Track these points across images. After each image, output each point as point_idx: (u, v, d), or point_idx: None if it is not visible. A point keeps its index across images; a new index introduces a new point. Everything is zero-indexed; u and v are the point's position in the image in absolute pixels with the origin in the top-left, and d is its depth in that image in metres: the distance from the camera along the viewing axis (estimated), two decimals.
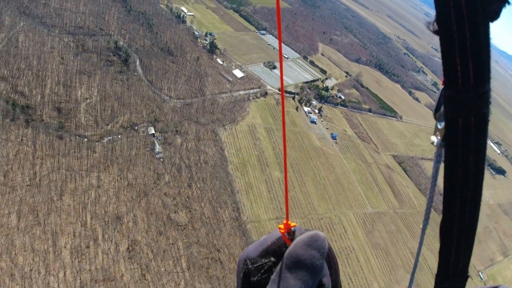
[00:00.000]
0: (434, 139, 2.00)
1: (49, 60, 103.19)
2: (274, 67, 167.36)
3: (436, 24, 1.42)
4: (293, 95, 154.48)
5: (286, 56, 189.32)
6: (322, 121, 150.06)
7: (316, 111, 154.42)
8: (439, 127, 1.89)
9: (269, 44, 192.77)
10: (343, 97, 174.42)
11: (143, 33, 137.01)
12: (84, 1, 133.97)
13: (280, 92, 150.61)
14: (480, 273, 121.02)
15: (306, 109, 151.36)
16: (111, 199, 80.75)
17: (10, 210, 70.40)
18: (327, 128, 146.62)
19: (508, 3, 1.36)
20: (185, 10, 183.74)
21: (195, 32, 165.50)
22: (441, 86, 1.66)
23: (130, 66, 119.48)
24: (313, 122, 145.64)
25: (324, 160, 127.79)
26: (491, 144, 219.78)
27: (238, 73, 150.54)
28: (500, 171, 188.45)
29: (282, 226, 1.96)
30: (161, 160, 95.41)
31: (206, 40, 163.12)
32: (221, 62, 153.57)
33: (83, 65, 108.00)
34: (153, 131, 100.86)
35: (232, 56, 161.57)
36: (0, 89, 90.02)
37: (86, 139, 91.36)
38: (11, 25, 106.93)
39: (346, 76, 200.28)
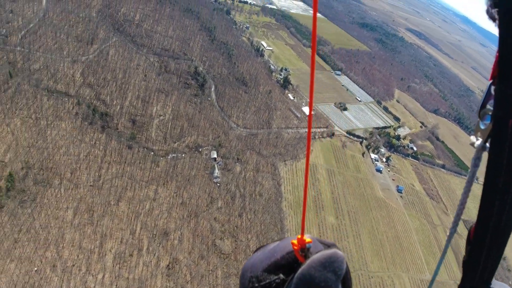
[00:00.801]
0: (475, 140, 1.83)
1: (133, 75, 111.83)
2: (345, 109, 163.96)
3: (493, 8, 1.29)
4: (361, 140, 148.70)
5: (359, 99, 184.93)
6: (388, 171, 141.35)
7: (384, 159, 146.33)
8: (482, 127, 1.76)
9: (342, 85, 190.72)
10: (415, 148, 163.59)
11: (222, 61, 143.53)
12: (173, 27, 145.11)
13: (347, 136, 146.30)
14: None
15: (373, 156, 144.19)
16: (163, 214, 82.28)
17: (68, 206, 75.00)
18: (393, 180, 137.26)
19: None
20: (265, 45, 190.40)
21: (271, 66, 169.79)
22: (489, 80, 1.57)
23: (205, 91, 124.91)
24: (378, 170, 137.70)
25: (385, 213, 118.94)
26: None
27: (307, 110, 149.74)
28: None
29: (295, 242, 1.77)
30: (218, 185, 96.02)
31: (280, 74, 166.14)
32: (292, 98, 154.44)
33: (163, 85, 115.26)
34: (215, 156, 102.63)
35: (303, 93, 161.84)
36: (85, 95, 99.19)
37: (152, 153, 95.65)
38: (105, 39, 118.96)
39: (420, 127, 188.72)
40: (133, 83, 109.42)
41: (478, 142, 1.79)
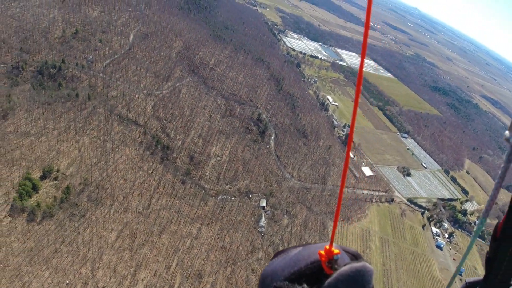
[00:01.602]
0: (510, 136, 1.81)
1: (199, 114, 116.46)
2: (409, 174, 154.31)
3: None
4: (422, 210, 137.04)
5: (425, 166, 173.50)
6: (450, 249, 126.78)
7: (446, 235, 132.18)
8: None
9: (408, 149, 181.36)
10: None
11: (286, 112, 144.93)
12: (244, 74, 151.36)
13: (408, 204, 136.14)
14: None
15: (434, 230, 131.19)
16: (201, 254, 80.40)
17: (114, 228, 76.56)
18: (453, 259, 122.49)
19: None
20: (330, 99, 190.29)
21: (334, 121, 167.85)
22: None
23: (265, 138, 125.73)
24: (439, 247, 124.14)
25: None
26: None
27: (367, 171, 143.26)
28: None
29: (323, 253, 1.68)
30: (262, 234, 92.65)
31: (343, 131, 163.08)
32: (352, 156, 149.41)
33: (225, 127, 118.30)
34: (264, 204, 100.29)
35: (365, 153, 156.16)
36: (152, 126, 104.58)
37: (203, 191, 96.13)
38: (179, 77, 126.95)
39: None
40: (197, 121, 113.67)
41: None
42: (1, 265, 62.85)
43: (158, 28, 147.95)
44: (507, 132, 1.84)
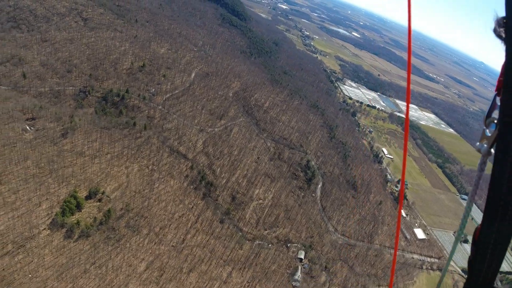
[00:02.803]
0: (480, 146, 2.05)
1: (247, 155, 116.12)
2: (466, 241, 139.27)
3: (502, 29, 1.49)
4: None
5: None
6: None
7: None
8: (488, 134, 1.99)
9: None
10: None
11: (336, 161, 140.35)
12: (297, 119, 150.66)
13: (462, 274, 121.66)
14: None
15: None
16: None
17: (144, 258, 75.59)
18: None
19: None
20: (385, 152, 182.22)
21: (388, 175, 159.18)
22: (494, 92, 1.77)
23: (311, 186, 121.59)
24: None
25: None
26: None
27: (419, 233, 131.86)
28: None
29: None
30: None
31: (396, 186, 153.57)
32: (404, 215, 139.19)
33: (272, 170, 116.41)
34: (302, 256, 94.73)
35: (419, 212, 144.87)
36: (200, 161, 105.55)
37: (240, 234, 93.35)
38: (233, 117, 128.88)
39: None
40: (244, 162, 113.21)
41: (484, 148, 2.05)
42: (30, 275, 63.99)
43: (219, 68, 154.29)
44: (477, 144, 2.06)
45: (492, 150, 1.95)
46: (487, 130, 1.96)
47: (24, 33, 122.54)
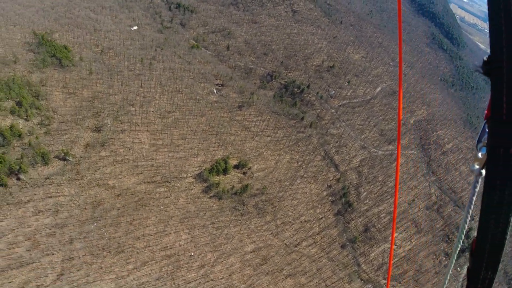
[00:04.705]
0: (474, 168, 2.27)
1: (401, 192, 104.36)
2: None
3: (486, 67, 1.77)
4: None
5: None
6: None
7: None
8: (479, 156, 2.22)
9: None
10: None
11: None
12: None
13: None
14: None
15: None
16: None
17: (256, 241, 77.99)
18: None
19: None
20: None
21: None
22: (484, 120, 2.04)
23: (460, 258, 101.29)
24: None
25: None
26: None
27: None
28: None
29: None
30: None
31: None
32: None
33: (422, 220, 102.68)
34: None
35: None
36: (349, 178, 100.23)
37: (356, 269, 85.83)
38: (404, 146, 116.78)
39: None
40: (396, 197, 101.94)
41: (476, 169, 2.27)
42: (162, 207, 73.50)
43: (409, 90, 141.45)
44: (471, 165, 2.32)
45: (483, 171, 2.07)
46: (479, 154, 2.18)
47: (239, 12, 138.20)
